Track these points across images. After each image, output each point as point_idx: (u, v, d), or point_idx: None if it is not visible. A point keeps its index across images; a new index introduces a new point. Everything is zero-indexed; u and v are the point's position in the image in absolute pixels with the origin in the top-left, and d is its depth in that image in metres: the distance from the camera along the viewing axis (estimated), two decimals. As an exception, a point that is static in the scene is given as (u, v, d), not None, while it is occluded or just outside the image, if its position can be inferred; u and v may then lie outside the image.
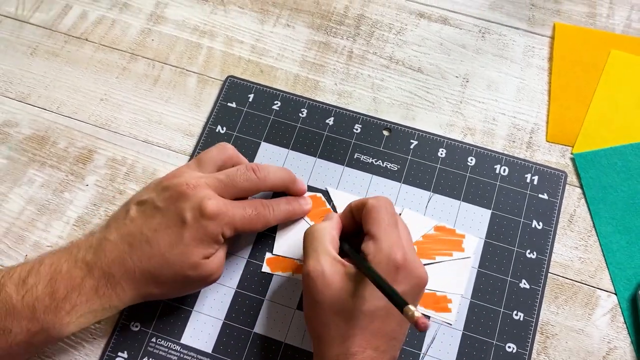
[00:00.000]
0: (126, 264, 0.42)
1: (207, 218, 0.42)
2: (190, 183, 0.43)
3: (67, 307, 0.41)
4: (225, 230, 0.43)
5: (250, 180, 0.46)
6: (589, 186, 0.53)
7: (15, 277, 0.41)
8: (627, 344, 0.47)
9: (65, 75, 0.58)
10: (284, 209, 0.49)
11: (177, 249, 0.42)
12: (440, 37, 0.59)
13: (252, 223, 0.45)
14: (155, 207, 0.43)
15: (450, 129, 0.55)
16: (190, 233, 0.42)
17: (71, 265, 0.42)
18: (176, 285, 0.44)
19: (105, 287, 0.42)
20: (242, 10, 0.61)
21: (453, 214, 0.52)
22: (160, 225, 0.43)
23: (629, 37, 0.59)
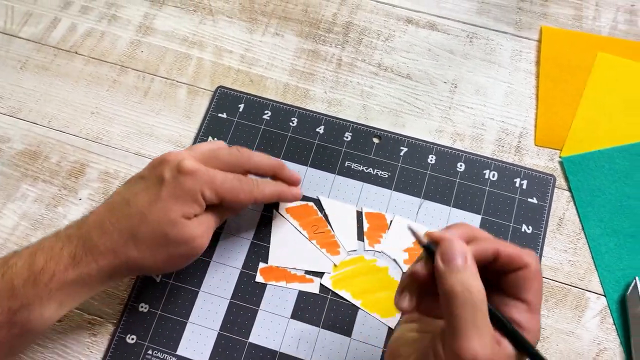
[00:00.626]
0: (104, 226, 0.42)
1: (184, 174, 0.42)
2: (172, 153, 0.44)
3: (45, 278, 0.40)
4: (204, 189, 0.43)
5: (233, 155, 0.46)
6: (577, 189, 0.53)
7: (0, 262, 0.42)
8: (617, 345, 0.48)
9: (55, 89, 0.58)
10: (271, 187, 0.48)
11: (155, 205, 0.42)
12: (428, 42, 0.60)
13: (235, 190, 0.44)
14: (140, 176, 0.45)
15: (439, 135, 0.56)
16: (168, 190, 0.42)
17: (53, 240, 0.42)
18: (157, 248, 0.42)
19: (83, 253, 0.41)
20: (231, 20, 0.61)
21: (444, 220, 0.52)
22: (139, 187, 0.43)
23: (615, 39, 0.59)
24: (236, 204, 0.46)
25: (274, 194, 0.48)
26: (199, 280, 0.50)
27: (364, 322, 0.49)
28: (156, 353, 0.48)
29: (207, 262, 0.51)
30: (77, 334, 0.49)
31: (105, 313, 0.50)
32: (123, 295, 0.50)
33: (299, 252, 0.51)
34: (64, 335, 0.49)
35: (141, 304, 0.50)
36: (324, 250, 0.51)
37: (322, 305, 0.49)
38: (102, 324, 0.49)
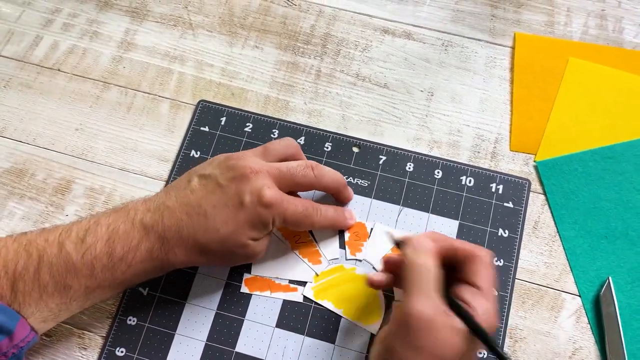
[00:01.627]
0: (182, 232, 0.44)
1: (263, 205, 0.45)
2: (253, 168, 0.46)
3: (123, 266, 0.44)
4: (276, 219, 0.46)
5: (307, 177, 0.48)
6: (551, 193, 0.55)
7: (74, 236, 0.44)
8: (592, 344, 0.50)
9: (39, 106, 0.59)
10: (331, 216, 0.51)
11: (230, 227, 0.44)
12: (404, 52, 0.61)
13: (299, 220, 0.48)
14: (217, 183, 0.46)
15: (417, 143, 0.57)
16: (246, 215, 0.44)
17: (128, 227, 0.44)
18: (222, 258, 0.47)
19: (159, 251, 0.44)
20: (211, 34, 0.63)
21: (422, 226, 0.54)
22: (219, 202, 0.45)
23: (586, 44, 0.61)
24: (296, 229, 0.52)
25: (331, 223, 0.52)
26: (185, 293, 0.51)
27: (347, 329, 0.50)
28: (145, 365, 0.49)
29: (192, 274, 0.52)
30: (67, 348, 0.50)
31: (94, 327, 0.51)
32: (111, 309, 0.51)
33: (282, 262, 0.52)
34: (54, 349, 0.50)
35: (129, 317, 0.51)
36: (305, 260, 0.52)
37: (306, 313, 0.51)
38: (91, 338, 0.50)
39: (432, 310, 0.39)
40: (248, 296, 0.51)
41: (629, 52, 0.60)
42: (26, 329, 0.41)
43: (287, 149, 0.50)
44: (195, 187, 0.46)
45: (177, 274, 0.52)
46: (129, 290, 0.51)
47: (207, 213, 0.45)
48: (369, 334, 0.50)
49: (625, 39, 0.61)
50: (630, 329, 0.50)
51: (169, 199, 0.46)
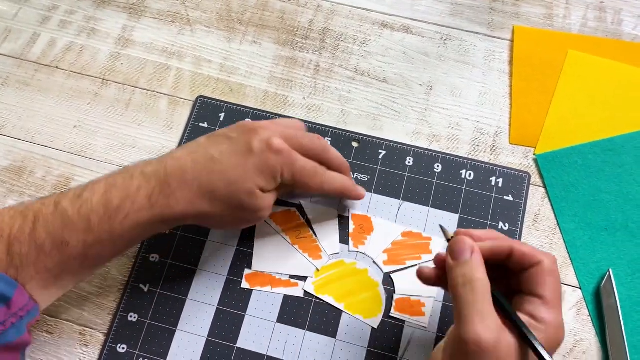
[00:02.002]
0: (185, 176, 0.43)
1: (272, 151, 0.44)
2: (262, 125, 0.46)
3: (120, 216, 0.42)
4: (284, 169, 0.45)
5: (314, 143, 0.48)
6: (551, 185, 0.55)
7: (70, 194, 0.43)
8: (593, 336, 0.50)
9: (38, 104, 0.59)
10: (340, 180, 0.50)
11: (239, 171, 0.44)
12: (403, 46, 0.61)
13: (309, 177, 0.47)
14: (226, 136, 0.46)
15: (416, 137, 0.57)
16: (254, 161, 0.44)
17: (127, 178, 0.44)
18: (228, 209, 0.45)
19: (159, 196, 0.43)
20: (209, 30, 0.62)
21: (422, 220, 0.54)
22: (227, 149, 0.45)
23: (585, 37, 0.61)
24: (305, 189, 0.49)
25: (340, 188, 0.50)
26: (186, 289, 0.51)
27: (348, 323, 0.50)
28: (146, 361, 0.50)
29: (193, 271, 0.52)
30: (69, 345, 0.50)
31: (96, 324, 0.51)
32: (112, 305, 0.51)
33: (282, 258, 0.52)
34: (56, 346, 0.50)
35: (130, 314, 0.51)
36: (306, 255, 0.52)
37: (307, 308, 0.51)
38: (92, 335, 0.50)
39: (492, 334, 0.35)
40: (249, 292, 0.51)
41: (628, 44, 0.60)
42: (25, 296, 0.40)
43: (293, 123, 0.50)
44: (202, 141, 0.46)
45: (177, 269, 0.52)
46: (130, 287, 0.51)
47: (214, 158, 0.44)
48: (370, 328, 0.50)
49: (625, 31, 0.61)
50: (630, 320, 0.50)
51: (174, 152, 0.46)
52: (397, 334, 0.50)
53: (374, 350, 0.49)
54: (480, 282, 0.38)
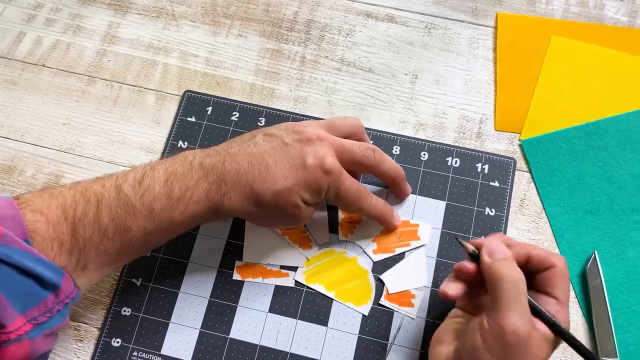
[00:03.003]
0: (240, 178, 0.45)
1: (324, 170, 0.45)
2: (319, 135, 0.47)
3: (181, 207, 0.44)
4: (331, 188, 0.46)
5: (368, 158, 0.49)
6: (537, 170, 0.55)
7: (130, 180, 0.44)
8: (579, 317, 0.51)
9: (25, 103, 0.59)
10: (381, 208, 0.51)
11: (289, 182, 0.45)
12: (388, 35, 0.61)
13: (351, 199, 0.48)
14: (282, 141, 0.46)
15: (403, 126, 0.58)
16: (305, 175, 0.45)
17: (186, 168, 0.45)
18: (272, 213, 0.47)
19: (216, 192, 0.44)
20: (194, 24, 0.63)
21: (410, 208, 0.54)
22: (282, 157, 0.45)
23: (567, 22, 0.61)
24: (344, 209, 0.52)
25: (379, 214, 0.51)
26: (178, 282, 0.52)
27: (339, 311, 0.51)
28: (141, 354, 0.50)
29: (185, 264, 0.53)
30: (64, 340, 0.51)
31: (90, 319, 0.51)
32: (106, 300, 0.52)
33: (273, 249, 0.53)
34: (51, 343, 0.51)
35: (124, 308, 0.51)
36: (296, 245, 0.53)
37: (299, 297, 0.51)
38: (87, 330, 0.51)
39: (528, 326, 0.38)
40: (240, 283, 0.52)
41: (610, 28, 0.61)
42: (70, 283, 0.41)
43: (351, 127, 0.51)
44: (260, 142, 0.46)
45: (169, 263, 0.52)
46: (123, 282, 0.52)
47: (269, 165, 0.45)
48: (360, 316, 0.50)
49: (607, 15, 0.61)
50: (616, 301, 0.50)
51: (231, 147, 0.46)
52: (387, 320, 0.50)
53: (364, 337, 0.50)
54: (521, 279, 0.41)
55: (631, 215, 0.53)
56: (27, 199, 0.42)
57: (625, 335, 0.50)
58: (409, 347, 0.50)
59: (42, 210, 0.41)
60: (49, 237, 0.41)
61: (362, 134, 0.51)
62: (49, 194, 0.43)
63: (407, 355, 0.49)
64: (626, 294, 0.51)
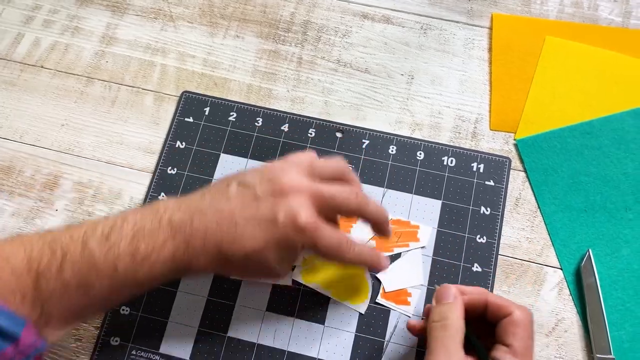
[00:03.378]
0: (208, 240, 0.43)
1: (296, 229, 0.42)
2: (293, 185, 0.43)
3: (146, 267, 0.42)
4: (306, 245, 0.44)
5: (349, 204, 0.45)
6: (531, 169, 0.56)
7: (98, 234, 0.42)
8: (574, 314, 0.51)
9: (24, 104, 0.60)
10: (366, 255, 0.47)
11: (258, 243, 0.42)
12: (384, 36, 0.62)
13: (330, 253, 0.44)
14: (254, 195, 0.44)
15: (399, 126, 0.58)
16: (276, 235, 0.42)
17: (155, 225, 0.43)
18: (243, 273, 0.47)
19: (183, 254, 0.43)
20: (192, 25, 0.63)
21: (406, 207, 0.55)
22: (252, 215, 0.43)
23: (562, 22, 0.62)
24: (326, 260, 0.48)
25: (363, 262, 0.48)
26: (176, 281, 0.52)
27: (336, 309, 0.51)
28: (140, 353, 0.50)
29: (183, 263, 0.53)
30: (62, 340, 0.51)
31: (88, 318, 0.52)
32: (104, 300, 0.52)
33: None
34: (50, 342, 0.51)
35: (122, 307, 0.52)
36: (293, 245, 0.53)
37: (296, 296, 0.52)
38: (86, 329, 0.51)
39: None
40: (238, 282, 0.52)
41: (604, 28, 0.61)
42: (32, 334, 0.40)
43: (336, 171, 0.47)
44: (232, 195, 0.44)
45: (168, 263, 0.53)
46: (121, 281, 0.52)
47: (238, 224, 0.43)
48: (357, 314, 0.51)
49: (601, 15, 0.62)
50: (610, 298, 0.51)
51: (203, 202, 0.44)
52: (384, 318, 0.51)
53: (361, 335, 0.50)
54: (452, 321, 0.42)
55: (625, 214, 0.54)
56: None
57: (619, 332, 0.50)
58: (405, 344, 0.50)
59: (8, 259, 0.41)
60: (12, 288, 0.40)
61: (348, 176, 0.48)
62: (20, 241, 0.42)
63: (404, 353, 0.50)
64: (620, 291, 0.51)
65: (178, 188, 0.56)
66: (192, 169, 0.56)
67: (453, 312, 0.42)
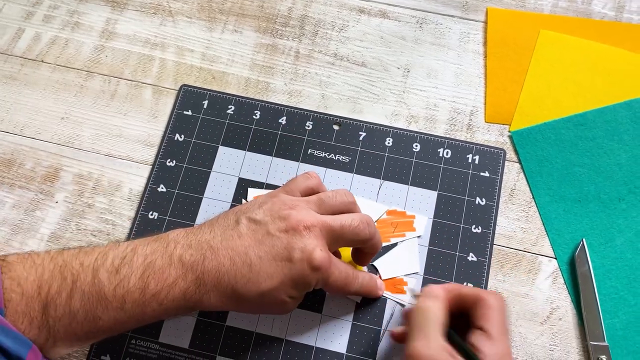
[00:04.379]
0: (221, 279, 0.43)
1: (311, 268, 0.43)
2: (307, 222, 0.44)
3: (154, 304, 0.42)
4: (319, 282, 0.45)
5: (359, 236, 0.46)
6: (526, 161, 0.57)
7: (109, 264, 0.42)
8: (568, 303, 0.52)
9: (25, 97, 0.60)
10: (367, 284, 0.49)
11: (274, 282, 0.43)
12: (380, 30, 0.63)
13: (339, 287, 0.46)
14: (267, 232, 0.44)
15: (395, 119, 0.59)
16: (292, 274, 0.43)
17: (166, 262, 0.43)
18: (255, 309, 0.46)
19: (194, 293, 0.43)
20: (190, 20, 0.64)
21: (403, 198, 0.55)
22: (267, 253, 0.43)
23: (556, 16, 0.62)
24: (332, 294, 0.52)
25: (365, 292, 0.50)
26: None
27: (333, 298, 0.52)
28: (139, 342, 0.51)
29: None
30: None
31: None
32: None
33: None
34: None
35: (122, 297, 0.52)
36: (291, 235, 0.54)
37: (293, 286, 0.53)
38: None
39: (431, 351, 0.40)
40: (236, 272, 0.53)
41: (598, 22, 0.62)
42: (38, 356, 0.40)
43: (343, 205, 0.48)
44: (243, 232, 0.44)
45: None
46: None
47: (252, 263, 0.43)
48: (354, 303, 0.52)
49: (594, 9, 0.63)
50: (604, 287, 0.52)
51: (214, 238, 0.44)
52: (381, 307, 0.52)
53: (358, 324, 0.51)
54: (432, 311, 0.43)
55: (618, 204, 0.54)
56: (10, 263, 0.42)
57: (613, 320, 0.51)
58: (401, 333, 0.51)
59: (19, 281, 0.41)
60: (21, 311, 0.40)
61: (354, 209, 0.49)
62: (32, 261, 0.42)
63: (400, 341, 0.51)
64: (614, 280, 0.52)
65: (177, 180, 0.56)
66: (191, 161, 0.57)
67: (433, 304, 0.43)
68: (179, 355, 0.51)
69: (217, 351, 0.51)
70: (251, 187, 0.56)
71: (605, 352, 0.49)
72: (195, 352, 0.51)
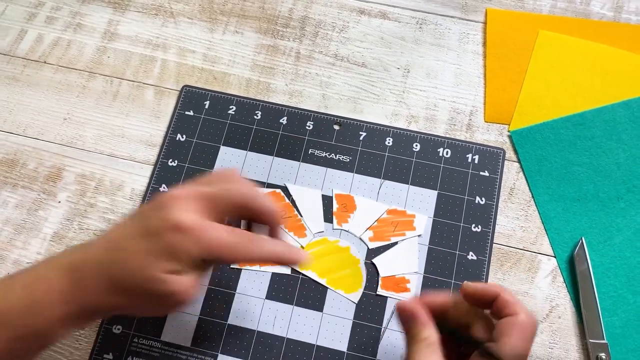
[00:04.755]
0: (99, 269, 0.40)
1: (175, 230, 0.39)
2: (174, 194, 0.41)
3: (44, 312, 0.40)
4: (192, 248, 0.39)
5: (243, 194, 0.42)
6: (525, 160, 0.57)
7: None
8: (567, 301, 0.52)
9: (27, 98, 0.61)
10: (278, 253, 0.43)
11: (139, 257, 0.39)
12: (380, 31, 0.63)
13: (229, 250, 0.40)
14: (140, 214, 0.42)
15: (395, 119, 0.59)
16: (158, 244, 0.39)
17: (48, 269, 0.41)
18: (139, 298, 0.40)
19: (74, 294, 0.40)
20: (192, 21, 0.64)
21: (403, 198, 0.56)
22: (134, 232, 0.40)
23: (555, 17, 0.63)
24: (230, 263, 0.47)
25: (276, 256, 0.43)
26: (177, 270, 0.54)
27: (334, 297, 0.52)
28: (141, 341, 0.51)
29: (183, 253, 0.54)
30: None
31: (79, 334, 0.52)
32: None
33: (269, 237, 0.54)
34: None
35: (124, 297, 0.53)
36: (291, 234, 0.54)
37: (295, 284, 0.53)
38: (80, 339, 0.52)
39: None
40: (238, 271, 0.53)
41: (596, 22, 0.62)
42: None
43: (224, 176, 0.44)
44: (122, 221, 0.43)
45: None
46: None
47: (120, 246, 0.40)
48: (354, 303, 0.52)
49: (593, 10, 0.63)
50: (603, 285, 0.52)
51: (96, 238, 0.42)
52: (381, 306, 0.52)
53: (359, 322, 0.51)
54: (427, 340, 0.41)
55: (617, 203, 0.55)
56: None
57: (612, 318, 0.51)
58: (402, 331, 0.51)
59: None
60: None
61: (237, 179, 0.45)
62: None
63: (401, 340, 0.51)
64: (613, 278, 0.52)
65: (179, 180, 0.57)
66: (193, 161, 0.57)
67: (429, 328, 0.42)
68: (181, 354, 0.51)
69: (219, 349, 0.51)
70: (252, 186, 0.57)
71: (604, 350, 0.50)
72: (197, 350, 0.51)
